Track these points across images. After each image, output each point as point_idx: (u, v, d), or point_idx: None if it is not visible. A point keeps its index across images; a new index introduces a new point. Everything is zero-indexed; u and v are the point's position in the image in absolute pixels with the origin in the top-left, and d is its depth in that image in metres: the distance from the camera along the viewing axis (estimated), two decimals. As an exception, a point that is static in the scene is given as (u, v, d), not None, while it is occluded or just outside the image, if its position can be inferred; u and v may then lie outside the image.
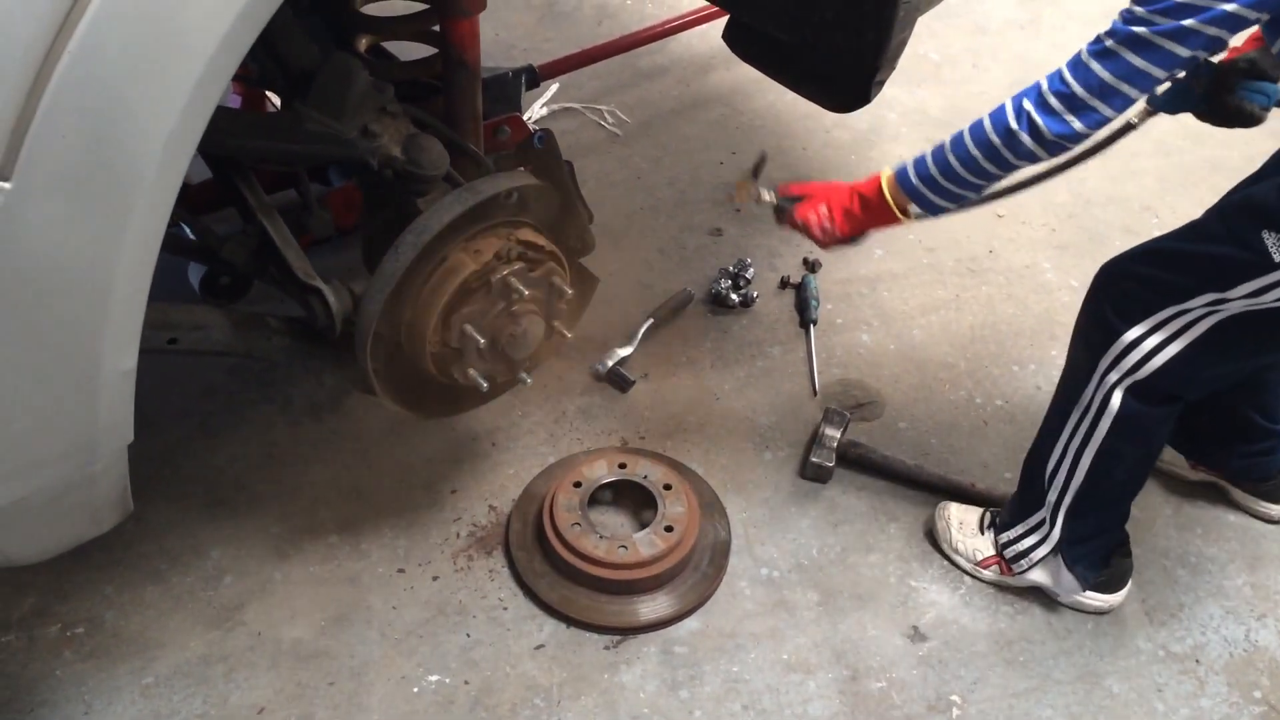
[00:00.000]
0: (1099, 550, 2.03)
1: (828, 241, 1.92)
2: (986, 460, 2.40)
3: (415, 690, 1.92)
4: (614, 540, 2.06)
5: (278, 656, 1.96)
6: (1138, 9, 1.45)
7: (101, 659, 1.94)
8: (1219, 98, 1.78)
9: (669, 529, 2.09)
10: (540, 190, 1.93)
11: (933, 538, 2.20)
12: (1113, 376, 1.80)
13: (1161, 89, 1.90)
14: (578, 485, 2.17)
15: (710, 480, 2.31)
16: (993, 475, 2.36)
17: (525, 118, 3.32)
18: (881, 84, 1.94)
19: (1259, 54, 1.73)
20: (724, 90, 3.58)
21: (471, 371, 1.75)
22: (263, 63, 1.69)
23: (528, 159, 2.06)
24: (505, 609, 2.06)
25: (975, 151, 1.64)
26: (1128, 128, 1.92)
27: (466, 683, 1.94)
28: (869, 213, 1.85)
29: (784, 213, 1.97)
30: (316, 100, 1.61)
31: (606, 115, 3.43)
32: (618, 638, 2.02)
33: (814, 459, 2.30)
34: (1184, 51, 1.45)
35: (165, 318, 1.66)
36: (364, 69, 1.63)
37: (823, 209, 1.89)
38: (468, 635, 2.01)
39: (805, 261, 2.91)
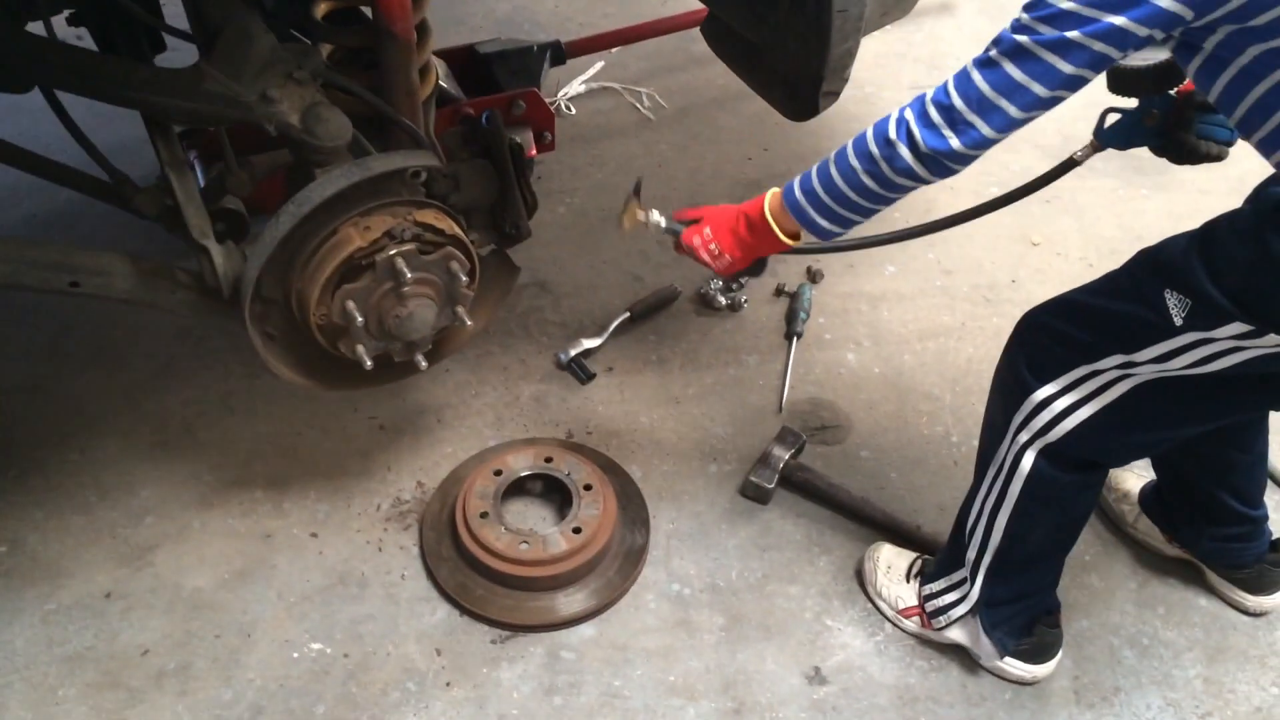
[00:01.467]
0: (1019, 616, 1.89)
1: (721, 268, 1.77)
2: (945, 503, 2.26)
3: (295, 656, 1.93)
4: (517, 535, 2.02)
5: (175, 602, 2.00)
6: (1024, 16, 1.31)
7: (13, 580, 2.02)
8: (1176, 133, 1.61)
9: (577, 530, 2.04)
10: (469, 169, 1.89)
11: (860, 578, 2.09)
12: (1023, 436, 1.66)
13: (1110, 121, 1.74)
14: (498, 474, 2.14)
15: (646, 486, 2.25)
16: (946, 520, 2.20)
17: (563, 93, 3.29)
18: (833, 96, 1.82)
19: None
20: (772, 83, 3.46)
21: (359, 348, 1.74)
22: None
23: (475, 138, 2.03)
24: (404, 588, 2.05)
25: (855, 164, 1.50)
26: (1070, 163, 1.78)
27: (346, 655, 1.94)
28: (755, 236, 1.69)
29: (676, 234, 1.83)
30: (220, 61, 1.61)
31: (644, 98, 3.36)
32: (507, 633, 1.99)
33: (753, 478, 2.21)
34: (1067, 67, 1.31)
35: (67, 260, 1.69)
36: (269, 33, 1.61)
37: (707, 233, 1.74)
38: (361, 608, 2.01)
39: (808, 271, 2.79)
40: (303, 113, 1.65)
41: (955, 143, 1.39)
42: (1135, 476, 2.21)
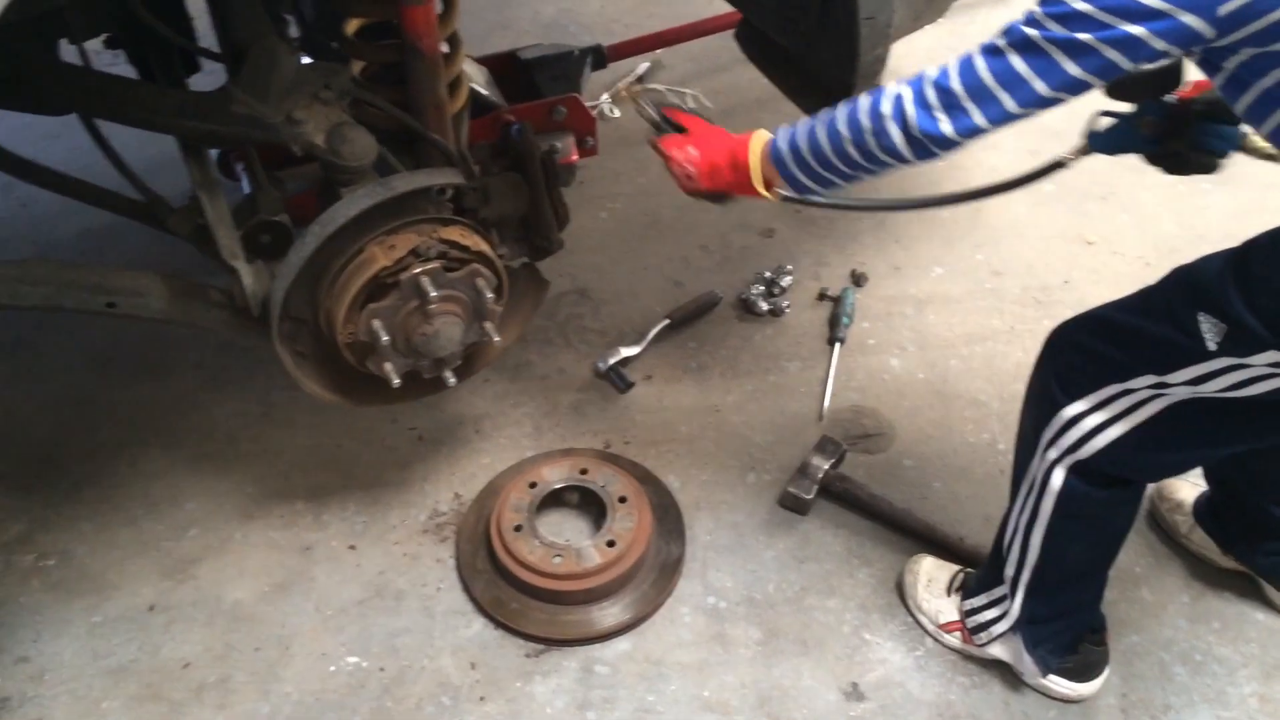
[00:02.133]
0: (1063, 634, 1.83)
1: (685, 188, 1.71)
2: (990, 514, 2.19)
3: (332, 669, 1.95)
4: (551, 548, 2.02)
5: (216, 615, 2.03)
6: (1037, 10, 1.25)
7: (62, 592, 2.07)
8: (1171, 142, 1.54)
9: (611, 543, 2.02)
10: (499, 183, 1.89)
11: (900, 591, 2.04)
12: (1053, 453, 1.61)
13: (1102, 125, 1.67)
14: (533, 486, 2.13)
15: (684, 496, 2.23)
16: (991, 531, 2.14)
17: (605, 97, 3.28)
18: (862, 102, 1.77)
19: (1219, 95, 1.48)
20: (818, 82, 3.41)
21: (386, 366, 1.74)
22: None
23: (506, 152, 2.03)
24: (439, 601, 2.05)
25: (844, 130, 1.44)
26: (1057, 165, 1.71)
27: (382, 669, 1.95)
28: (735, 174, 1.63)
29: (660, 130, 1.78)
30: (245, 83, 1.62)
31: (689, 99, 3.33)
32: (541, 647, 1.98)
33: (791, 489, 2.18)
34: (1073, 69, 1.25)
35: (104, 281, 1.73)
36: (294, 53, 1.62)
37: (691, 151, 1.68)
38: (397, 621, 2.02)
39: (852, 274, 2.74)
40: (328, 133, 1.66)
41: (947, 128, 1.33)
42: (1189, 486, 2.13)
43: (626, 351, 2.50)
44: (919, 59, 3.51)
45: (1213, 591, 2.06)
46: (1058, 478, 1.62)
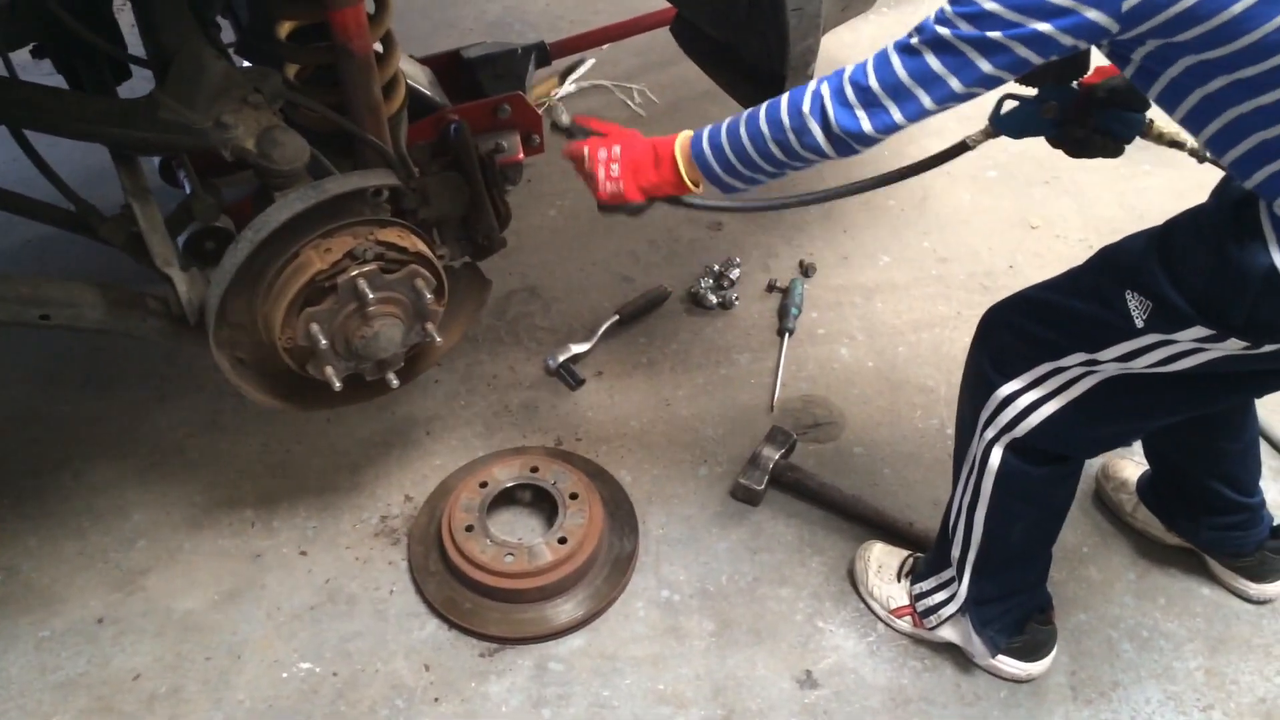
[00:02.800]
0: (1010, 614, 1.86)
1: (606, 195, 1.69)
2: (939, 498, 2.20)
3: (284, 675, 1.94)
4: (503, 547, 2.01)
5: (166, 625, 2.02)
6: (948, 8, 1.28)
7: (9, 607, 2.04)
8: (1072, 127, 1.58)
9: (563, 540, 2.03)
10: (438, 183, 1.88)
11: (851, 578, 2.06)
12: (990, 433, 1.64)
13: (1006, 108, 1.71)
14: (483, 485, 2.13)
15: (636, 491, 2.23)
16: (940, 516, 2.18)
17: (555, 93, 3.28)
18: (796, 93, 1.78)
19: (1122, 81, 1.52)
20: (765, 74, 3.42)
21: (327, 369, 1.74)
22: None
23: (445, 151, 2.02)
24: (392, 603, 2.05)
25: (765, 129, 1.46)
26: (963, 147, 1.74)
27: (335, 674, 1.94)
28: (660, 174, 1.63)
29: (573, 136, 1.76)
30: (172, 89, 1.61)
31: (635, 95, 3.33)
32: (495, 646, 1.98)
33: (743, 480, 2.19)
34: (986, 66, 1.28)
35: (37, 292, 1.70)
36: (221, 58, 1.61)
37: (616, 151, 1.66)
38: (349, 625, 2.01)
39: (800, 265, 2.76)
40: (258, 137, 1.65)
41: (867, 125, 1.36)
42: (1134, 465, 2.17)
43: (576, 348, 2.50)
44: (864, 49, 3.55)
45: (1158, 568, 2.10)
46: (996, 456, 1.64)
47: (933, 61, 1.30)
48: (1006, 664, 1.89)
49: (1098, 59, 1.53)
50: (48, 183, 1.87)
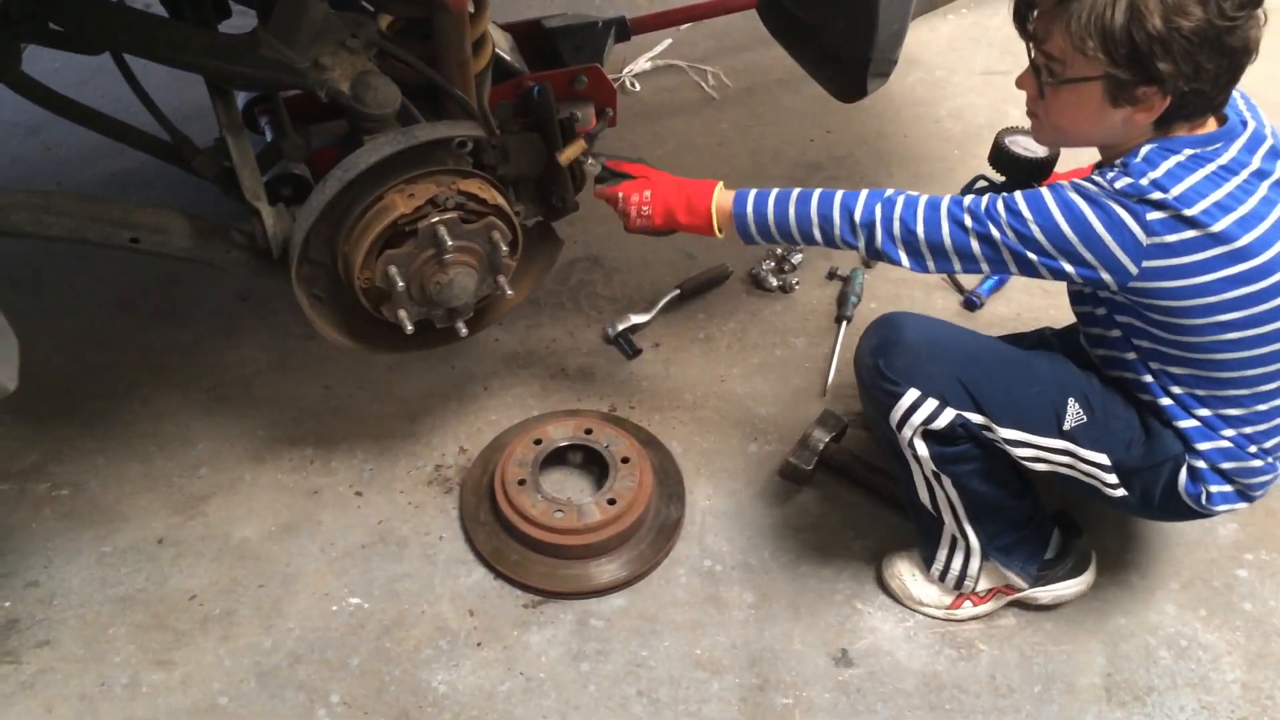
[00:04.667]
0: (1027, 541, 1.94)
1: (636, 228, 1.89)
2: (986, 493, 2.23)
3: (334, 609, 2.00)
4: (553, 503, 2.05)
5: (223, 551, 2.08)
6: (1003, 215, 1.55)
7: (74, 522, 2.12)
8: None
9: (612, 501, 2.06)
10: (518, 141, 1.92)
11: (893, 596, 2.06)
12: (906, 432, 1.76)
13: (979, 186, 2.01)
14: (538, 443, 2.17)
15: (685, 461, 2.26)
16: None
17: (628, 70, 3.31)
18: (881, 78, 1.81)
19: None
20: (840, 65, 3.43)
21: (401, 313, 1.78)
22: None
23: (526, 113, 2.06)
24: (441, 549, 2.10)
25: (814, 217, 1.69)
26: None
27: (383, 611, 1.99)
28: (690, 219, 1.82)
29: (604, 182, 1.93)
30: (275, 27, 1.66)
31: (709, 77, 3.35)
32: (539, 599, 2.03)
33: (792, 459, 2.21)
34: (1013, 269, 1.58)
35: (128, 216, 1.76)
36: (321, 2, 1.65)
37: (646, 194, 1.85)
38: (399, 567, 2.06)
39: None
40: (353, 80, 1.69)
41: (904, 261, 1.64)
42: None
43: (636, 319, 2.53)
44: (940, 48, 3.55)
45: (1201, 580, 2.09)
46: (921, 447, 1.76)
47: (975, 245, 1.57)
48: (1055, 590, 1.98)
49: (1062, 165, 1.97)
50: (135, 118, 1.94)
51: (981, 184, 2.01)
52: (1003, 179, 2.00)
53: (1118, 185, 1.51)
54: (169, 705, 1.84)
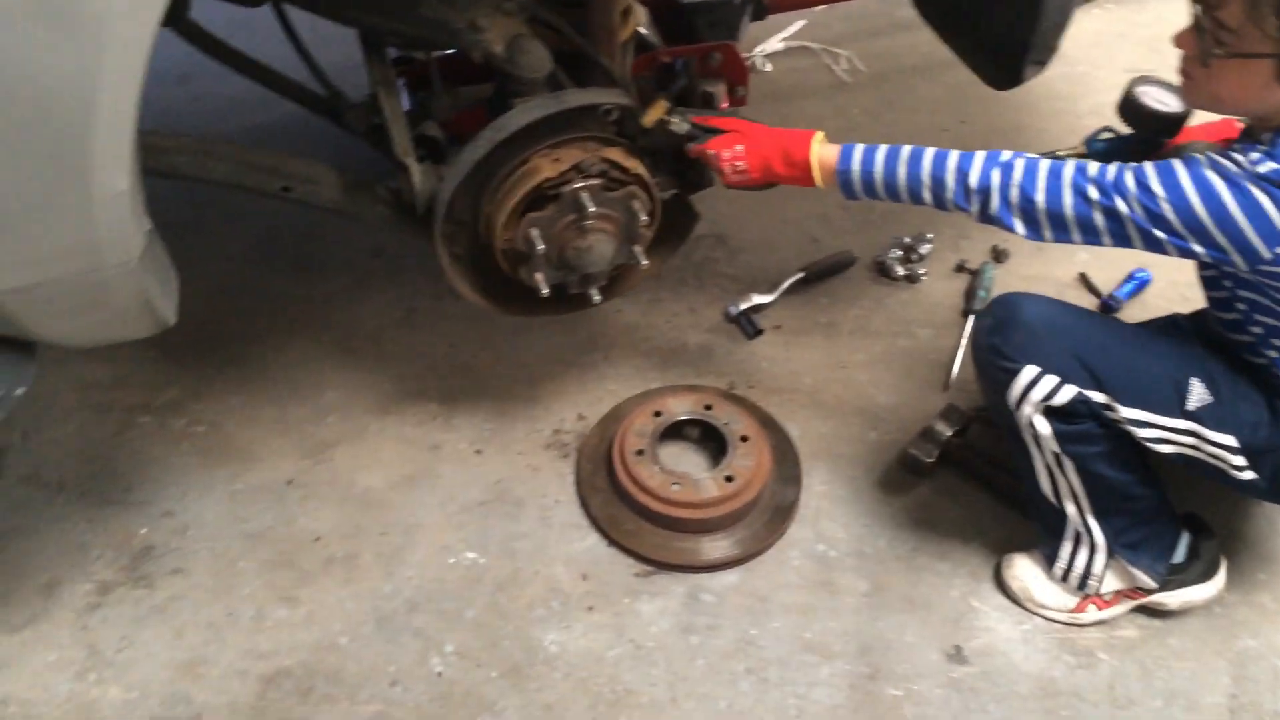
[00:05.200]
0: (1156, 539, 1.89)
1: (733, 182, 1.81)
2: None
3: (451, 561, 2.04)
4: (670, 475, 2.06)
5: (347, 497, 2.14)
6: (1132, 189, 1.48)
7: (209, 458, 2.20)
8: None
9: (730, 479, 2.06)
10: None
11: (1013, 599, 2.01)
12: (1026, 409, 1.71)
13: (1103, 137, 1.95)
14: (657, 415, 2.18)
15: (803, 444, 2.25)
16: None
17: (760, 50, 3.28)
18: (1039, 67, 1.76)
19: (1206, 146, 1.70)
20: (979, 54, 3.35)
21: (538, 275, 1.80)
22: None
23: (668, 84, 2.06)
24: (557, 512, 2.12)
25: (926, 178, 1.62)
26: (1051, 156, 1.82)
27: (498, 568, 2.03)
28: (788, 170, 1.74)
29: (694, 140, 1.84)
30: (437, -14, 1.68)
31: (842, 60, 3.31)
32: (651, 569, 2.04)
33: (913, 450, 2.18)
34: (1138, 244, 1.51)
35: (281, 165, 1.82)
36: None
37: (739, 149, 1.77)
38: (515, 526, 2.09)
39: (993, 249, 2.70)
40: (507, 43, 1.71)
41: (1020, 229, 1.57)
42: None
43: (759, 299, 2.52)
44: (1084, 41, 3.43)
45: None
46: (1041, 424, 1.71)
47: (1098, 218, 1.51)
48: (1184, 594, 1.92)
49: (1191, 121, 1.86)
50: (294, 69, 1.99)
51: (1107, 135, 1.93)
52: (1130, 132, 1.91)
53: (1261, 169, 1.43)
54: (291, 640, 1.91)
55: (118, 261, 1.27)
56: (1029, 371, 1.67)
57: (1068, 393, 1.66)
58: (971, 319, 2.51)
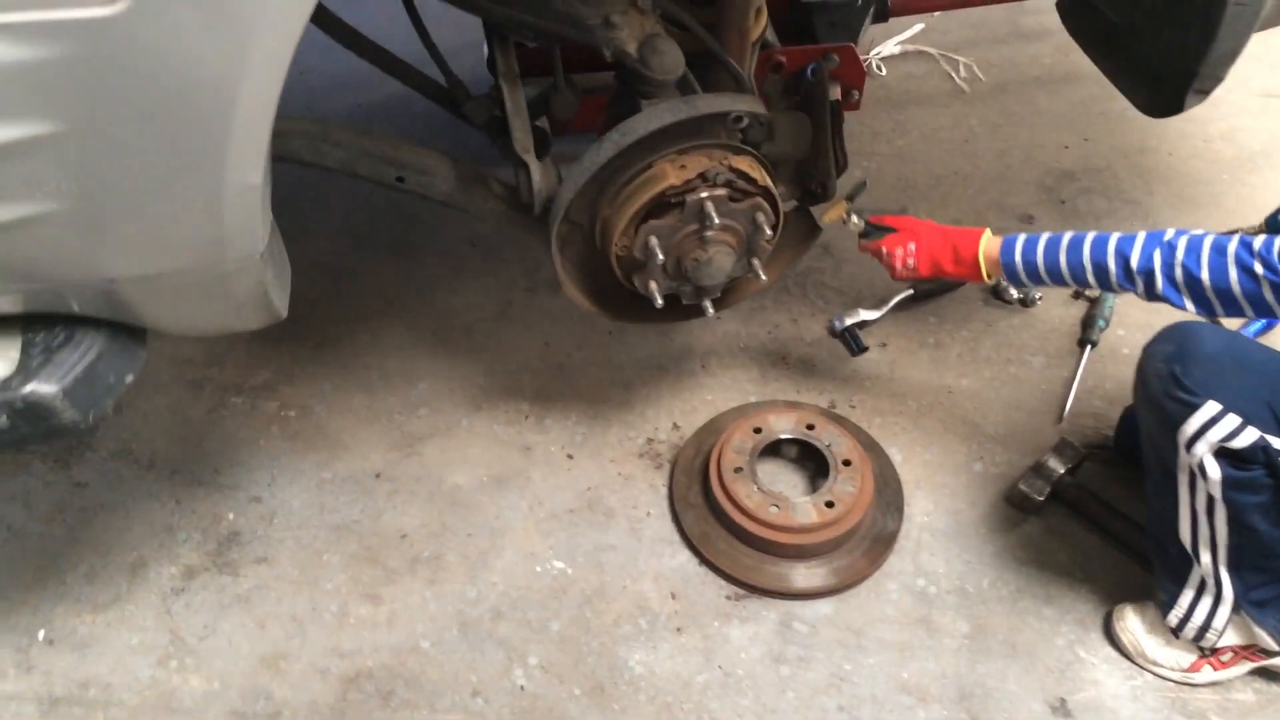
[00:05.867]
0: None
1: (901, 276, 1.93)
2: (1234, 554, 2.04)
3: (538, 570, 1.99)
4: (769, 496, 1.99)
5: (436, 494, 2.10)
6: None
7: (298, 443, 2.18)
8: None
9: (830, 504, 1.98)
10: (786, 120, 1.84)
11: (1123, 652, 1.91)
12: (1200, 447, 1.58)
13: None
14: (757, 431, 2.10)
15: (905, 471, 2.16)
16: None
17: (875, 52, 3.18)
18: (1202, 95, 1.65)
19: None
20: (1102, 70, 3.20)
21: (652, 284, 1.73)
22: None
23: (796, 90, 1.98)
24: (648, 525, 2.06)
25: (1088, 265, 1.67)
26: (1233, 234, 1.77)
27: (585, 580, 1.97)
28: (957, 268, 1.85)
29: (868, 239, 1.96)
30: (570, -18, 1.62)
31: (961, 68, 3.18)
32: (742, 592, 1.97)
33: (1022, 486, 2.08)
34: None
35: (396, 154, 1.77)
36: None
37: (911, 247, 1.88)
38: (604, 537, 2.04)
39: (1114, 276, 2.57)
40: (640, 42, 1.64)
41: (1189, 306, 1.59)
42: None
43: (866, 315, 2.43)
44: (1265, 68, 3.25)
45: None
46: (1212, 467, 1.58)
47: (1268, 294, 1.50)
48: None
49: None
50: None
51: None
52: None
53: None
54: (374, 640, 1.87)
55: (243, 255, 1.23)
56: (1210, 408, 1.55)
57: (1249, 436, 1.53)
58: (1089, 349, 2.39)
